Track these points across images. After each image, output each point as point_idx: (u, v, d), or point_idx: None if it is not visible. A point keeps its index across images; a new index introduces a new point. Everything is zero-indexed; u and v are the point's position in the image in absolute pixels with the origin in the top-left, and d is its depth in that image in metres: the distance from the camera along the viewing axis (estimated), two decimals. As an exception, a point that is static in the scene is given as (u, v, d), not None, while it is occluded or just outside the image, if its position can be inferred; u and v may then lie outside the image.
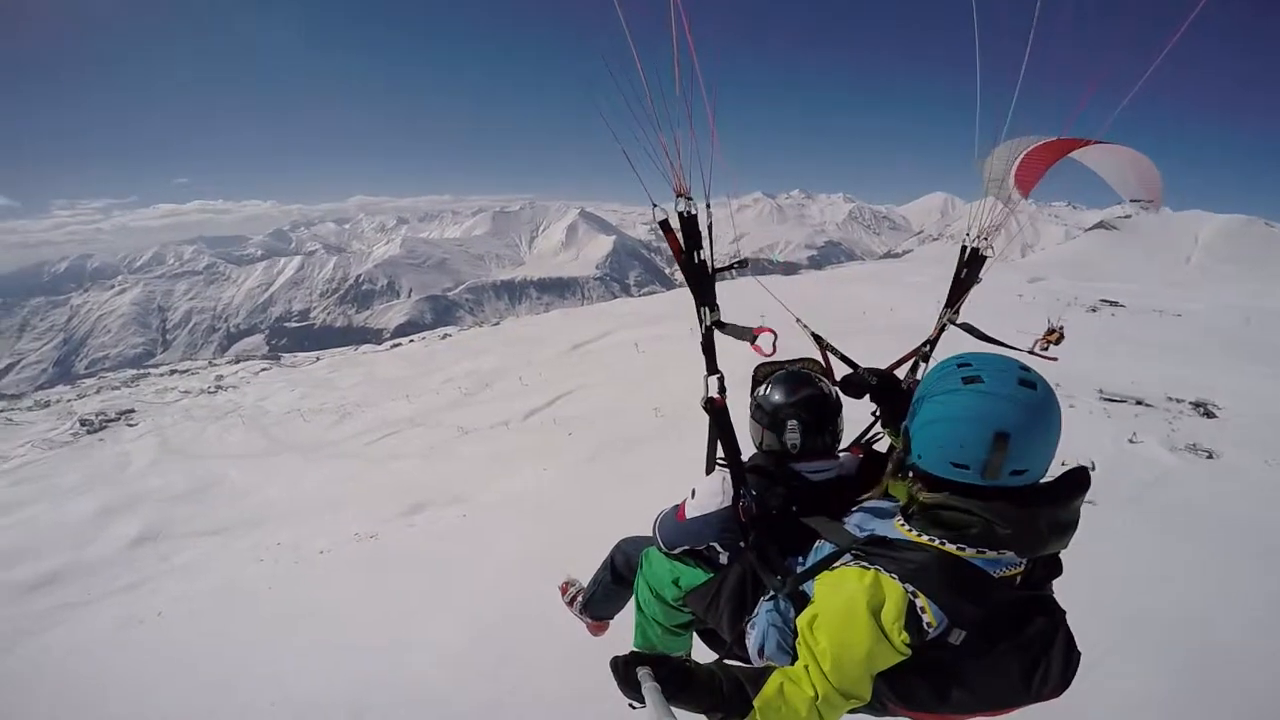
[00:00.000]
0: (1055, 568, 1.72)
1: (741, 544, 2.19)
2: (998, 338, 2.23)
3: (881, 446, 2.46)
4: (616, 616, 3.35)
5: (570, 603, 3.50)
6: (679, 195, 2.03)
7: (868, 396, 2.17)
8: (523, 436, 15.69)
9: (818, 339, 2.47)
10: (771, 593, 1.95)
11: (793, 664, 1.63)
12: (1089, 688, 1.72)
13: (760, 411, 2.39)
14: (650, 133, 1.89)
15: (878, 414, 2.23)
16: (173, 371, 51.28)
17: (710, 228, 2.07)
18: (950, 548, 1.56)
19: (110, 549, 12.39)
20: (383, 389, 26.41)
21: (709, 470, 2.37)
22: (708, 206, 2.05)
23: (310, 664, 6.02)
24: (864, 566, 1.61)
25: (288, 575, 9.02)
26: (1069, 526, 1.58)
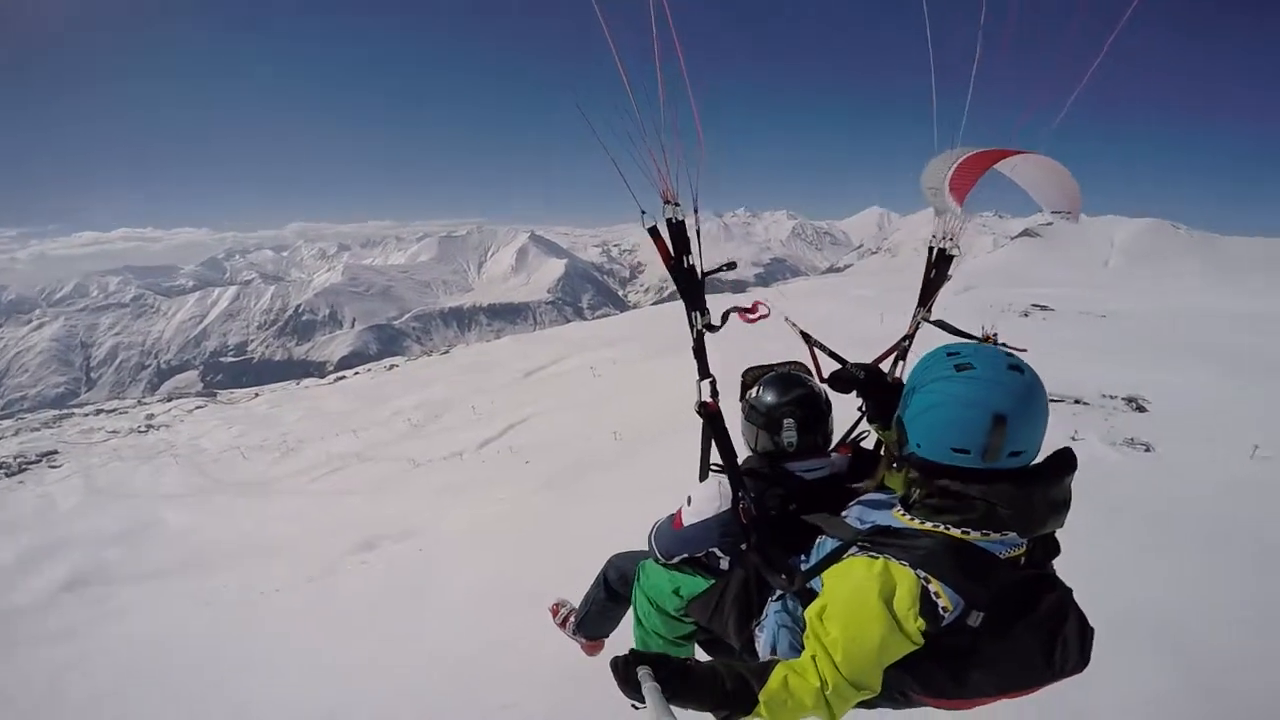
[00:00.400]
0: (1053, 548, 1.74)
1: (743, 546, 2.17)
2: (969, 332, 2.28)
3: (868, 444, 2.50)
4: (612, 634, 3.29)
5: (563, 624, 3.41)
6: (666, 202, 2.05)
7: (855, 392, 2.20)
8: (478, 467, 15.37)
9: (806, 337, 2.50)
10: (779, 593, 1.96)
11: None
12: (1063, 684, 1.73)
13: (755, 413, 2.39)
14: (637, 142, 1.91)
15: (864, 409, 2.25)
16: (99, 411, 48.41)
17: (699, 233, 2.10)
18: (955, 532, 1.58)
19: (34, 596, 11.43)
20: (328, 423, 25.66)
21: (703, 476, 2.37)
22: (695, 212, 2.07)
23: (268, 712, 5.63)
24: (872, 556, 1.62)
25: (235, 618, 8.50)
26: (1064, 505, 1.61)
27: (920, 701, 1.75)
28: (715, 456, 2.32)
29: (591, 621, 3.17)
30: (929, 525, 1.63)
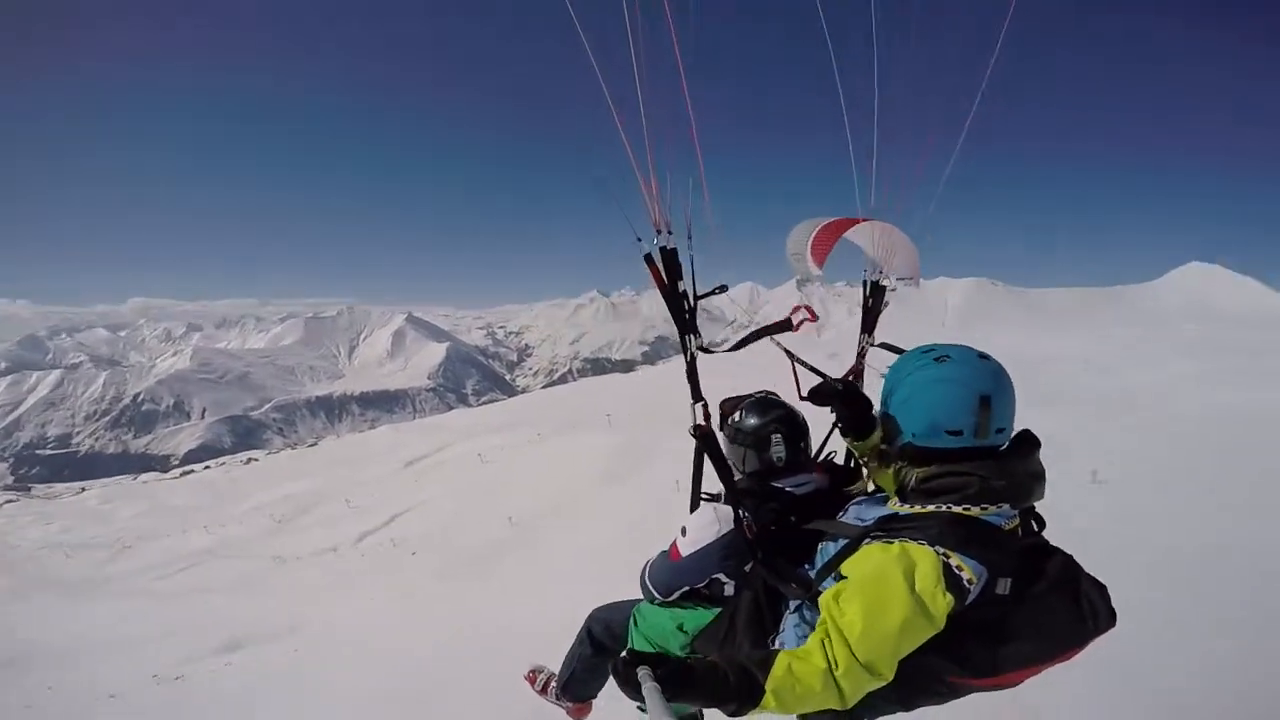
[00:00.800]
0: (1039, 521, 1.81)
1: (746, 567, 2.21)
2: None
3: (838, 460, 2.66)
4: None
5: (543, 690, 3.21)
6: (659, 231, 2.18)
7: (831, 406, 2.32)
8: (357, 561, 14.40)
9: (789, 354, 2.68)
10: (793, 606, 1.96)
11: None
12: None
13: (741, 434, 2.50)
14: (629, 172, 2.03)
15: (838, 423, 2.36)
16: (-120, 507, 39.90)
17: (692, 259, 2.25)
18: (958, 509, 1.65)
19: None
20: (172, 520, 23.32)
21: (694, 505, 2.44)
22: (689, 238, 2.22)
23: None
24: (886, 542, 1.64)
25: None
26: (1041, 476, 1.73)
27: (965, 687, 1.76)
28: (703, 486, 2.49)
29: (578, 682, 3.00)
30: (930, 508, 1.68)
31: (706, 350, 2.34)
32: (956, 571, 1.55)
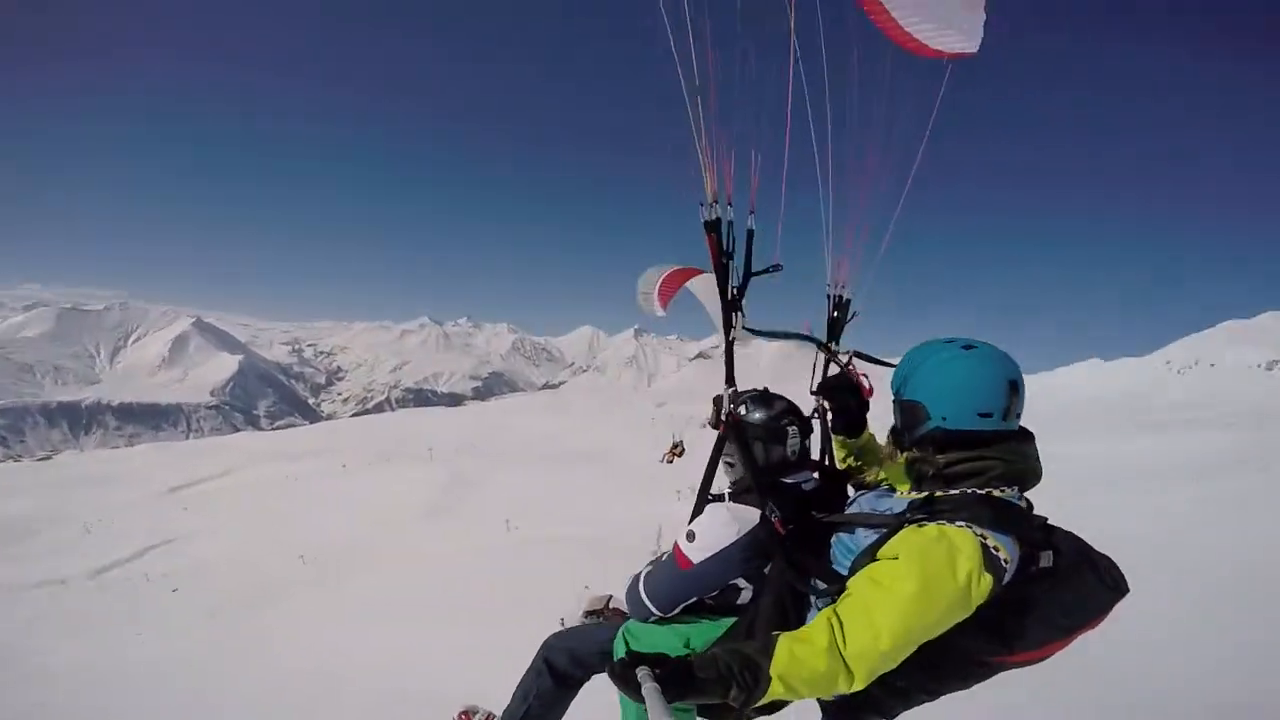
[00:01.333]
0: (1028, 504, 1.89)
1: (766, 569, 2.10)
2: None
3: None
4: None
5: None
6: (715, 202, 2.15)
7: (832, 403, 2.43)
8: (94, 597, 12.23)
9: (822, 345, 2.68)
10: (818, 603, 1.88)
11: None
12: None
13: (752, 427, 2.34)
14: (689, 143, 2.02)
15: (834, 421, 2.43)
16: None
17: (750, 235, 2.23)
18: (980, 492, 1.70)
19: None
20: None
21: (700, 506, 2.28)
22: (751, 212, 2.18)
23: None
24: (920, 525, 1.65)
25: None
26: (1040, 463, 1.82)
27: (1003, 666, 1.77)
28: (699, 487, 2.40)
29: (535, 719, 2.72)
30: (955, 491, 1.72)
31: (752, 331, 2.28)
32: (994, 553, 1.57)
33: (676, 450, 15.40)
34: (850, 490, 2.27)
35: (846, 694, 1.59)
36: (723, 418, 2.29)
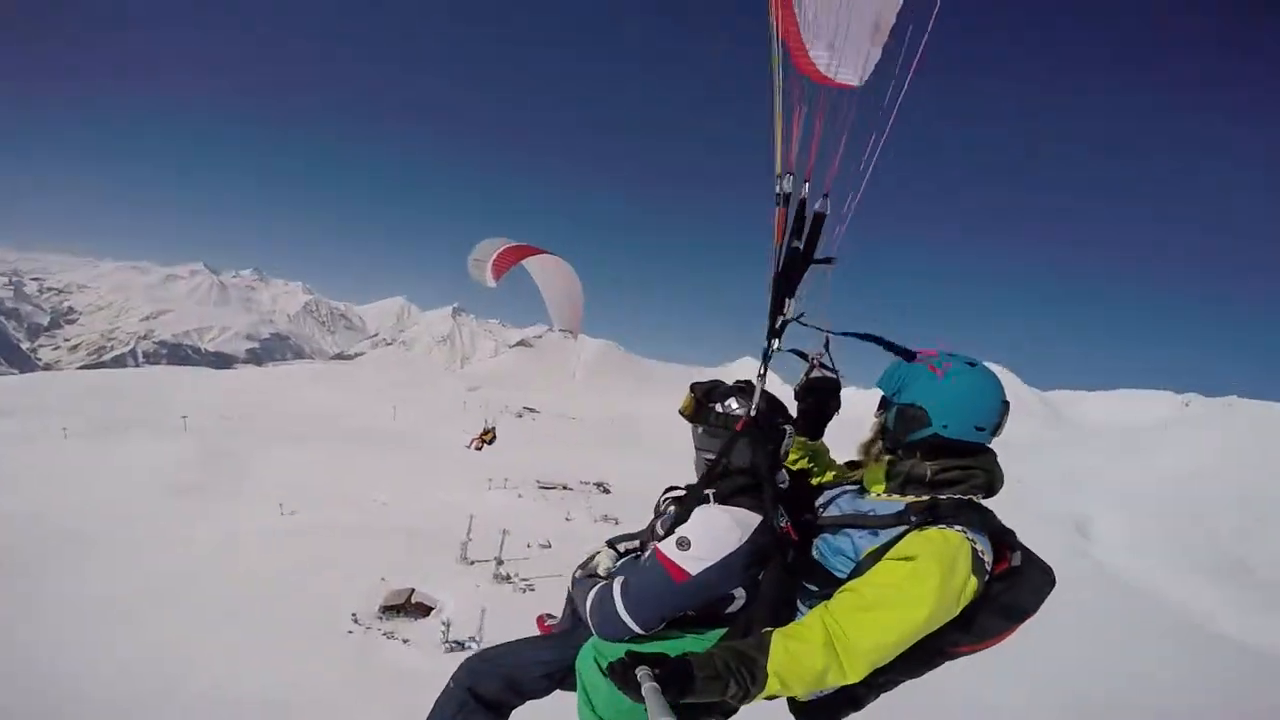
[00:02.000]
0: None
1: (758, 575, 2.01)
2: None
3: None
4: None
5: None
6: (790, 174, 2.00)
7: (802, 404, 2.38)
8: None
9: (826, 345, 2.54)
10: (809, 605, 1.91)
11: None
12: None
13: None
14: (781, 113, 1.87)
15: (798, 422, 2.36)
16: None
17: (820, 220, 2.08)
18: (962, 499, 1.83)
19: None
20: None
21: (687, 511, 2.06)
22: (825, 196, 2.03)
23: None
24: (922, 529, 1.76)
25: None
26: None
27: (963, 653, 1.87)
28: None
29: None
30: (943, 496, 1.83)
31: (800, 322, 2.17)
32: (981, 556, 1.72)
33: (487, 436, 14.11)
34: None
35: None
36: (752, 413, 2.10)
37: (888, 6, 2.28)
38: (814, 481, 2.31)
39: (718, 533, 1.97)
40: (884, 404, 2.05)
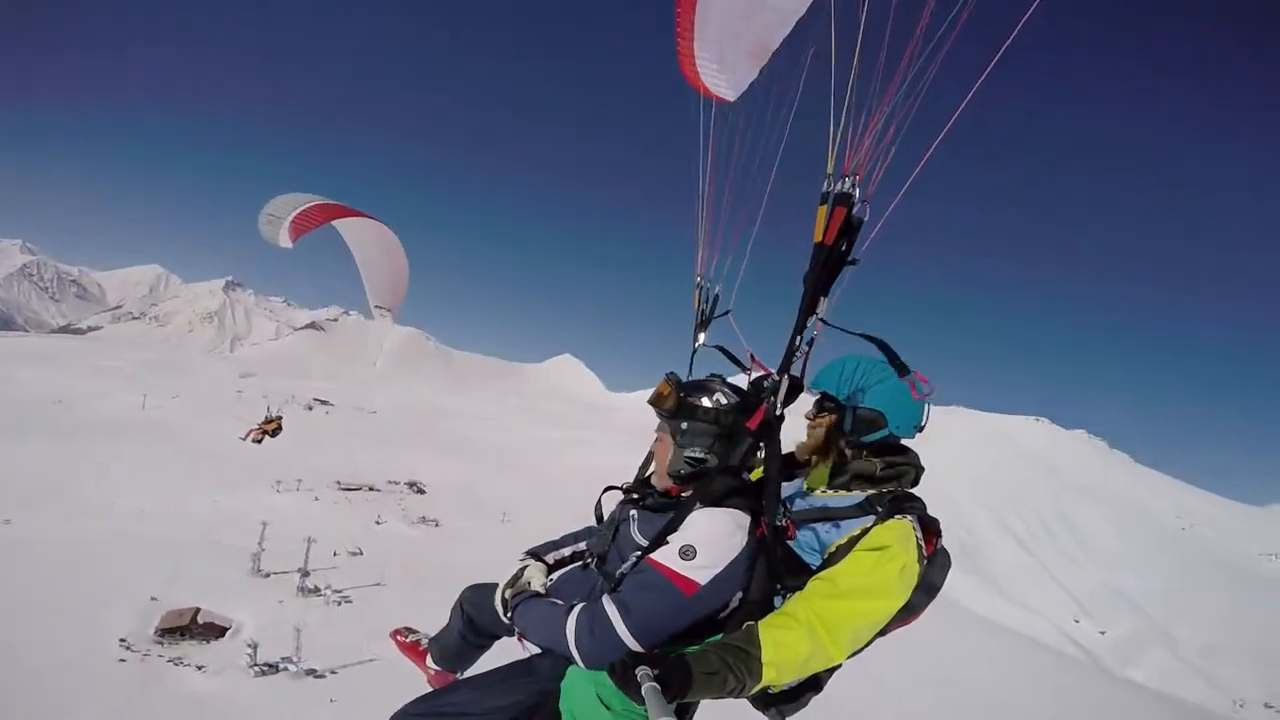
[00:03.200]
0: None
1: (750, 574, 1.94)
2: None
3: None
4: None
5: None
6: (845, 175, 1.94)
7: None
8: None
9: (752, 357, 2.46)
10: (784, 593, 1.93)
11: None
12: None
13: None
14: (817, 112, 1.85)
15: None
16: None
17: (861, 224, 1.99)
18: (904, 491, 1.97)
19: None
20: None
21: (682, 516, 1.93)
22: (864, 202, 1.96)
23: None
24: (886, 521, 1.86)
25: None
26: None
27: (889, 632, 1.92)
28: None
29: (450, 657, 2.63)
30: (886, 490, 1.96)
31: (826, 323, 2.06)
32: (921, 543, 1.87)
33: (270, 426, 12.09)
34: None
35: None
36: (779, 413, 1.99)
37: (774, 32, 2.38)
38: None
39: (721, 537, 1.88)
40: (831, 405, 2.08)
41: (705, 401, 2.07)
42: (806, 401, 2.16)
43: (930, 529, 1.96)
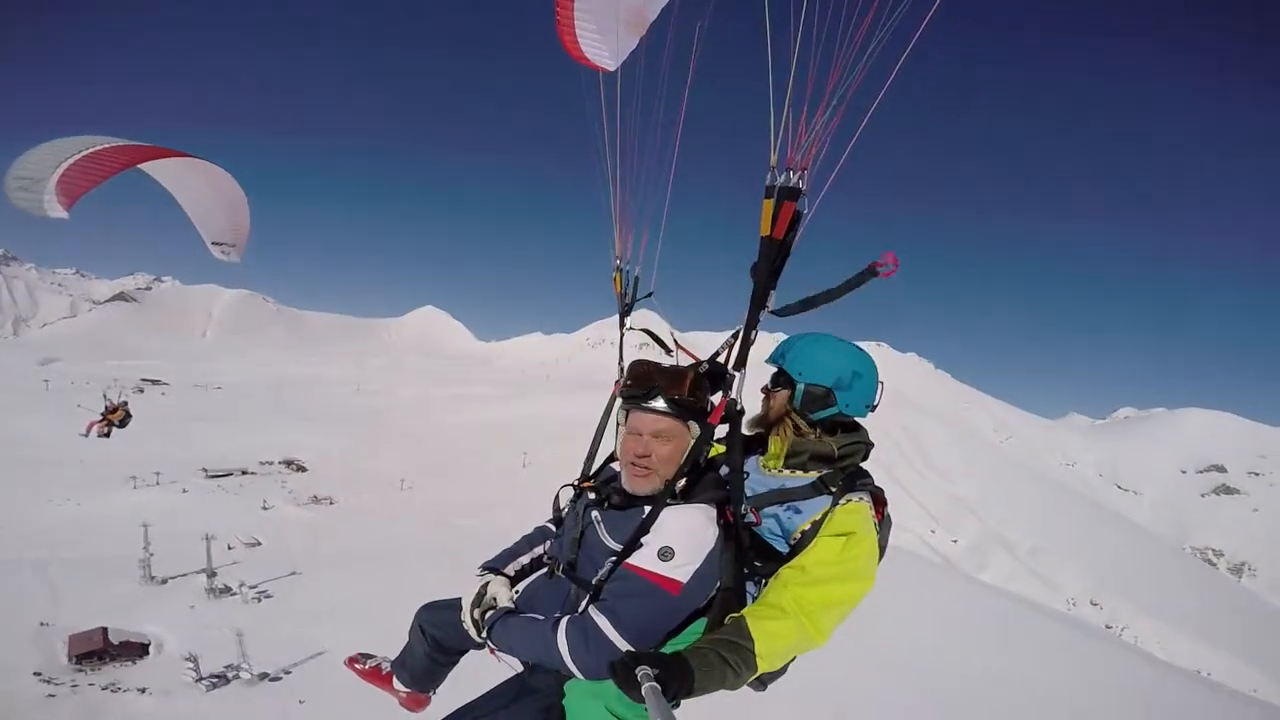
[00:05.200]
0: None
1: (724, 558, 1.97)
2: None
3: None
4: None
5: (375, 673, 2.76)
6: (789, 168, 1.93)
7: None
8: None
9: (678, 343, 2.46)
10: (757, 579, 2.00)
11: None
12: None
13: (736, 415, 2.12)
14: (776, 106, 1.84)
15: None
16: None
17: (800, 217, 1.99)
18: (855, 469, 2.04)
19: None
20: None
21: (656, 513, 1.93)
22: (804, 194, 1.96)
23: None
24: (847, 502, 1.92)
25: None
26: None
27: None
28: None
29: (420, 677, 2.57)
30: (840, 467, 2.03)
31: (780, 314, 2.07)
32: (874, 520, 1.95)
33: (115, 416, 10.52)
34: None
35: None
36: (740, 407, 2.04)
37: (651, 3, 2.36)
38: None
39: (697, 533, 1.91)
40: (784, 380, 2.09)
41: (701, 388, 2.07)
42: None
43: (879, 499, 2.01)
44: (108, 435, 10.18)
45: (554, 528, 2.31)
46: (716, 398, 2.07)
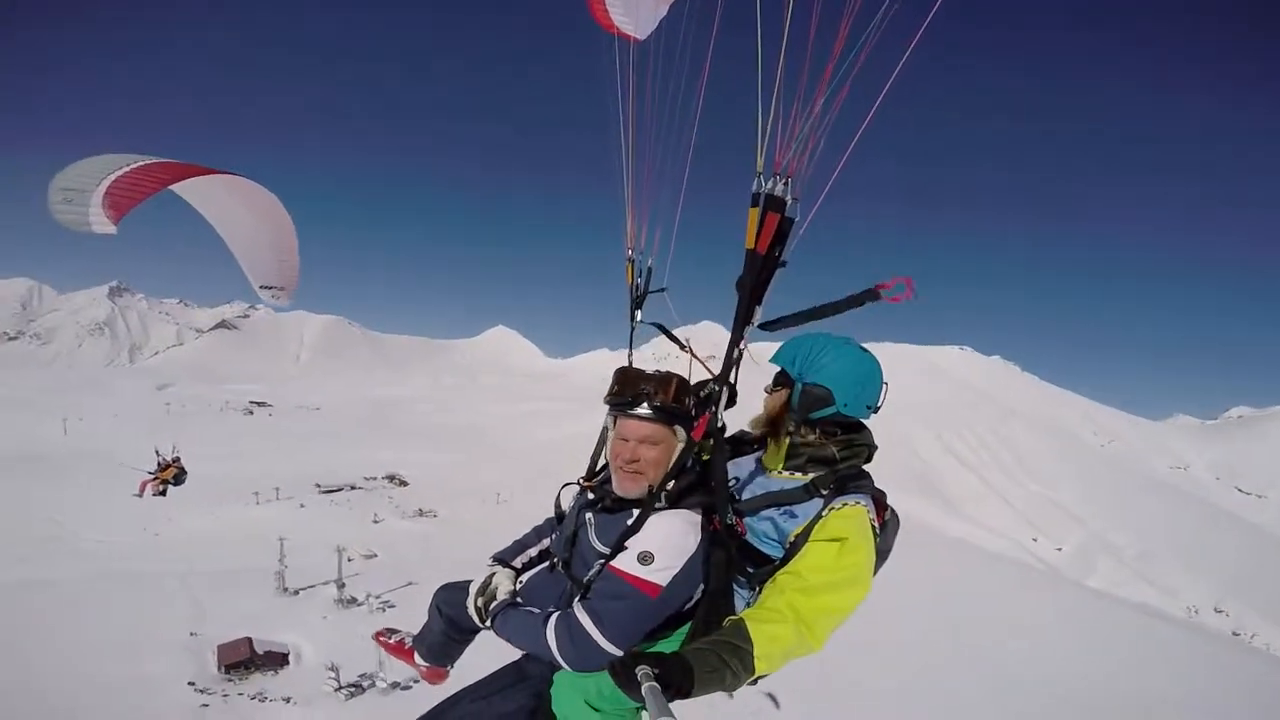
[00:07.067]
0: None
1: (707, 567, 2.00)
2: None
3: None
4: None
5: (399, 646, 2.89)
6: (776, 174, 1.88)
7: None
8: None
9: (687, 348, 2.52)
10: (749, 583, 2.00)
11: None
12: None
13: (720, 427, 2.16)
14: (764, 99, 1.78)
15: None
16: None
17: (791, 224, 1.94)
18: (853, 470, 2.00)
19: None
20: None
21: (645, 516, 2.00)
22: (795, 200, 1.92)
23: None
24: (841, 507, 1.88)
25: None
26: None
27: None
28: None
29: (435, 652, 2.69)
30: (840, 468, 1.99)
31: (768, 328, 2.08)
32: (872, 520, 1.91)
33: (169, 473, 9.80)
34: None
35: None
36: (721, 424, 2.08)
37: None
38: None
39: (677, 538, 1.98)
40: (784, 380, 2.09)
41: (696, 395, 2.12)
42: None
43: (880, 501, 2.00)
44: (163, 494, 9.79)
45: (559, 523, 2.40)
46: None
